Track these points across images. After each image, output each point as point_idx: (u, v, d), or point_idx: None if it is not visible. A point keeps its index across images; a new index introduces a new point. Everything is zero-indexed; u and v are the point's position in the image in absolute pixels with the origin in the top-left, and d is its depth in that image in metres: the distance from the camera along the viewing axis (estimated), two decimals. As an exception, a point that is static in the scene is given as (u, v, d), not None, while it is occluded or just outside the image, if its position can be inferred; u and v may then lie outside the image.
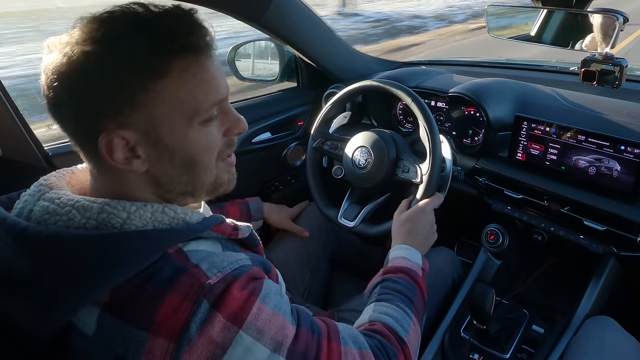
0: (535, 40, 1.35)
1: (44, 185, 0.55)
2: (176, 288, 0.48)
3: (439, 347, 1.03)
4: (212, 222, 0.57)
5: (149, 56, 0.49)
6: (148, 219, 0.52)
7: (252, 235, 0.64)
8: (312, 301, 1.12)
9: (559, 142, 1.00)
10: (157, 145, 0.53)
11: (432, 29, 8.39)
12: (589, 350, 0.88)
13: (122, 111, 0.50)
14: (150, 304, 0.48)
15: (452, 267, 1.15)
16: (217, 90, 0.54)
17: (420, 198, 0.96)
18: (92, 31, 0.49)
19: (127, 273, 0.48)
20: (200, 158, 0.56)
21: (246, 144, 1.36)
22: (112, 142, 0.50)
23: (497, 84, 1.19)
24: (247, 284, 0.52)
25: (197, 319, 0.47)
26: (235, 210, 1.10)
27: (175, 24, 0.51)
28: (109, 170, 0.54)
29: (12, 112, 0.94)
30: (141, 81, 0.49)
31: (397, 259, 0.86)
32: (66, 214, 0.51)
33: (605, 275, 1.01)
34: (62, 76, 0.49)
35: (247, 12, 1.17)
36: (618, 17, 0.93)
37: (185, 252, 0.52)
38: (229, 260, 0.53)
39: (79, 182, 0.61)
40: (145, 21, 0.50)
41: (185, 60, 0.51)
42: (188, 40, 0.51)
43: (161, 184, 0.56)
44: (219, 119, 0.57)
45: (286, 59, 1.50)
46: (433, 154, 0.96)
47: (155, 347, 0.47)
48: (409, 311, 0.75)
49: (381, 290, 0.79)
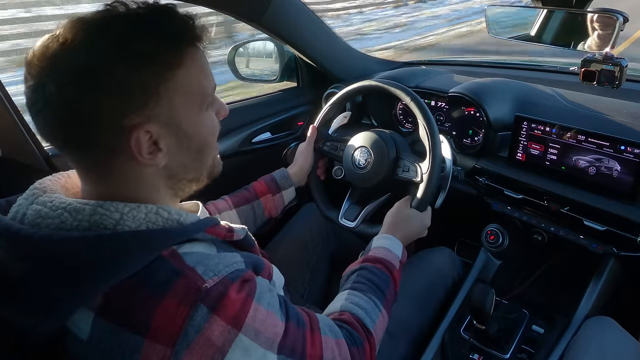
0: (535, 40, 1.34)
1: (37, 189, 0.55)
2: (172, 292, 0.48)
3: (439, 347, 1.03)
4: (206, 224, 0.57)
5: (167, 47, 0.51)
6: (141, 220, 0.52)
7: (247, 237, 0.65)
8: (312, 301, 1.12)
9: (559, 142, 1.00)
10: (177, 134, 0.55)
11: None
12: (589, 350, 0.88)
13: (147, 104, 0.51)
14: (146, 307, 0.47)
15: (452, 267, 1.15)
16: (213, 77, 0.59)
17: (421, 197, 0.96)
18: (106, 27, 0.49)
19: (120, 275, 0.47)
20: (210, 140, 0.60)
21: (246, 144, 1.36)
22: (140, 137, 0.51)
23: (497, 84, 1.19)
24: (243, 287, 0.52)
25: (195, 323, 0.47)
26: (262, 186, 1.07)
27: (182, 17, 0.54)
28: (118, 173, 0.53)
29: (12, 112, 0.94)
30: (161, 72, 0.51)
31: (378, 248, 0.88)
32: (58, 217, 0.50)
33: (605, 275, 1.01)
34: (76, 76, 0.47)
35: (247, 12, 1.17)
36: (618, 17, 0.93)
37: (180, 255, 0.51)
38: (225, 263, 0.52)
39: (74, 186, 0.61)
40: (158, 15, 0.52)
41: (194, 50, 0.55)
42: (195, 31, 0.54)
43: (174, 175, 0.58)
44: (213, 104, 0.61)
45: (286, 59, 1.50)
46: (433, 153, 0.96)
47: (151, 353, 0.46)
48: (379, 303, 0.78)
49: (357, 278, 0.82)
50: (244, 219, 1.03)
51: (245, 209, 1.03)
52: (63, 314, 0.48)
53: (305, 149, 1.15)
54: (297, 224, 1.22)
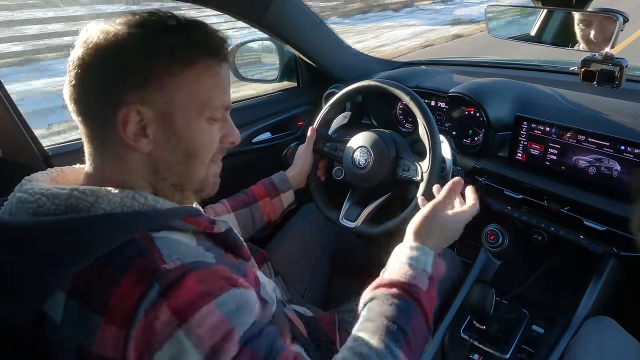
0: (535, 40, 1.34)
1: (26, 179, 0.57)
2: (131, 270, 0.48)
3: (439, 347, 1.03)
4: (184, 212, 0.57)
5: (183, 47, 0.55)
6: (117, 204, 0.53)
7: (230, 234, 0.62)
8: (312, 301, 1.12)
9: (559, 142, 1.00)
10: (167, 130, 0.56)
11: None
12: (589, 350, 0.88)
13: (146, 87, 0.53)
14: (107, 286, 0.47)
15: (452, 267, 1.15)
16: (226, 96, 0.61)
17: (421, 195, 0.96)
18: (135, 22, 0.55)
19: (90, 256, 0.48)
20: (200, 152, 0.60)
21: (246, 144, 1.36)
22: (129, 115, 0.54)
23: (497, 84, 1.19)
24: (206, 279, 0.49)
25: (146, 302, 0.46)
26: (261, 189, 1.07)
27: (209, 30, 0.58)
28: (111, 149, 0.56)
29: (12, 112, 0.94)
30: (170, 65, 0.55)
31: (397, 263, 0.68)
32: (35, 201, 0.52)
33: (605, 275, 1.01)
34: (100, 48, 0.53)
35: (248, 12, 1.17)
36: (618, 17, 0.93)
37: (152, 238, 0.52)
38: (194, 253, 0.53)
39: (64, 181, 0.62)
40: (184, 24, 0.57)
41: (209, 61, 0.58)
42: (216, 46, 0.58)
43: (158, 171, 0.58)
44: (220, 124, 0.62)
45: (286, 59, 1.50)
46: (433, 151, 0.96)
47: (106, 335, 0.46)
48: (394, 346, 0.57)
49: (367, 314, 0.62)
50: (242, 223, 1.03)
51: (243, 213, 1.03)
52: (38, 298, 0.48)
53: (304, 151, 1.15)
54: (297, 224, 1.22)
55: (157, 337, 0.45)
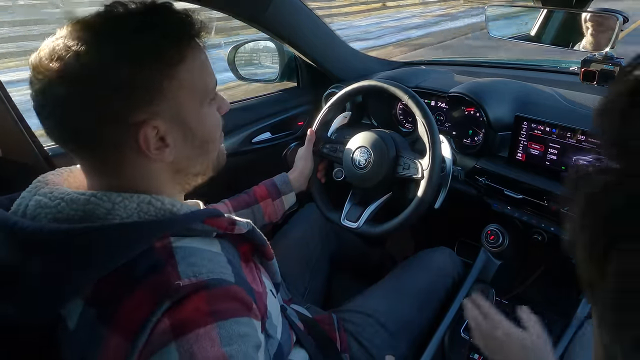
0: (535, 40, 1.35)
1: (40, 182, 0.56)
2: (145, 285, 0.47)
3: (439, 347, 1.03)
4: (204, 214, 0.55)
5: (168, 45, 0.52)
6: (133, 210, 0.52)
7: (254, 233, 0.63)
8: (312, 301, 1.12)
9: (559, 142, 1.00)
10: (182, 129, 0.56)
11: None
12: (589, 350, 0.88)
13: (153, 101, 0.51)
14: (118, 297, 0.47)
15: (452, 267, 1.15)
16: (213, 73, 0.60)
17: (421, 194, 0.96)
18: (109, 28, 0.50)
19: (107, 267, 0.47)
20: (213, 135, 0.61)
21: (246, 144, 1.36)
22: (147, 133, 0.52)
23: (497, 84, 1.19)
24: (216, 301, 0.48)
25: (154, 318, 0.46)
26: (263, 190, 1.07)
27: (181, 14, 0.55)
28: (127, 169, 0.54)
29: (12, 112, 0.94)
30: (164, 69, 0.52)
31: None
32: (55, 207, 0.51)
33: (605, 275, 1.01)
34: (79, 79, 0.48)
35: (247, 12, 1.17)
36: (618, 17, 0.93)
37: (172, 247, 0.51)
38: (214, 266, 0.51)
39: (77, 181, 0.61)
40: (157, 14, 0.53)
41: (194, 47, 0.55)
42: (194, 28, 0.55)
43: (180, 169, 0.58)
44: (215, 100, 0.62)
45: (286, 59, 1.50)
46: (433, 149, 0.96)
47: (111, 345, 0.46)
48: None
49: None
50: None
51: (245, 213, 1.03)
52: (52, 305, 0.48)
53: (304, 153, 1.15)
54: (297, 224, 1.22)
55: (152, 345, 0.45)
